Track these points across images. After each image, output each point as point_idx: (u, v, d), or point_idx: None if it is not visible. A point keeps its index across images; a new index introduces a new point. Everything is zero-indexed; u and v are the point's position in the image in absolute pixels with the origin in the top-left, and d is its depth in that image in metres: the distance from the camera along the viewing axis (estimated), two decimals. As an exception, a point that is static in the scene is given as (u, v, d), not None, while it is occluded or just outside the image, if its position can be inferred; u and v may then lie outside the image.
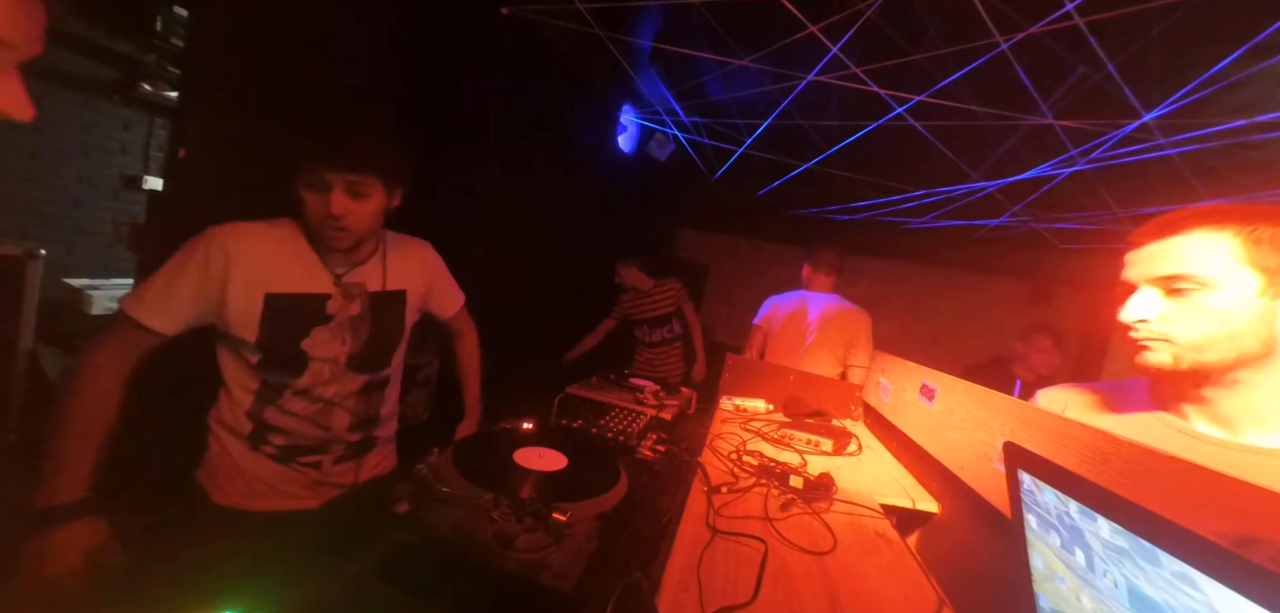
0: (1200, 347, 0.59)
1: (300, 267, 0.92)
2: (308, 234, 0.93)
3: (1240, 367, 0.58)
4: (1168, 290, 0.61)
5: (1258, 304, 0.56)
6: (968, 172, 2.55)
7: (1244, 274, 0.56)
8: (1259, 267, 0.55)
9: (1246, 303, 0.56)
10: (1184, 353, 0.60)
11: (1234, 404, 0.60)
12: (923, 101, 1.93)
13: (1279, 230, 0.55)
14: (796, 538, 0.77)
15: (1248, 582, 0.27)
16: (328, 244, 0.91)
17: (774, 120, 2.49)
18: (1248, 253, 0.56)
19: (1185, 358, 0.60)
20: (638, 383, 1.48)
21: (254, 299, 0.87)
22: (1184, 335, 0.60)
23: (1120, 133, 1.87)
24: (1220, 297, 0.57)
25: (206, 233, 0.87)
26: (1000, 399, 0.90)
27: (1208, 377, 0.60)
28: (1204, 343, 0.58)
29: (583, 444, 0.95)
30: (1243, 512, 0.44)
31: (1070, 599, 0.41)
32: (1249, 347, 0.57)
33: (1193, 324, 0.59)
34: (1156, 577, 0.33)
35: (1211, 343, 0.58)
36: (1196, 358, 0.59)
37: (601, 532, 0.65)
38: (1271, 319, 0.56)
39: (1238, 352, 0.57)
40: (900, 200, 3.14)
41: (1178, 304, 0.60)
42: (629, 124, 3.28)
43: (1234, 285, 0.56)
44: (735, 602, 0.58)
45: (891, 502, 0.99)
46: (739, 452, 1.08)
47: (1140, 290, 0.64)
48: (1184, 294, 0.59)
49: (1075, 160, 2.13)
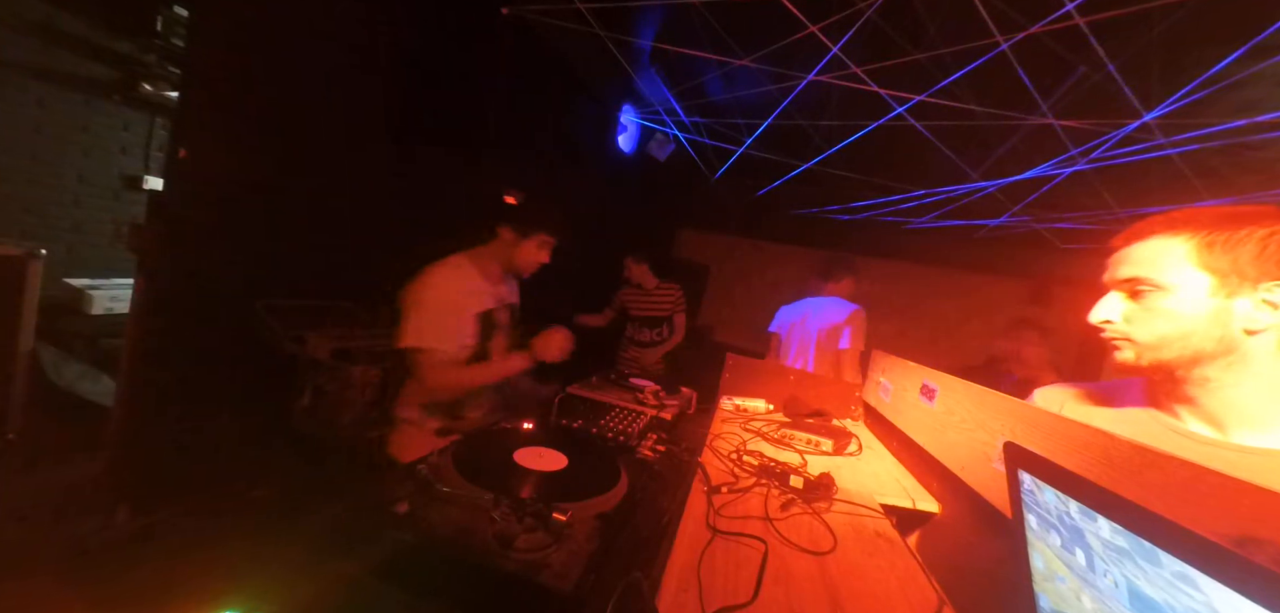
0: (1157, 346, 0.62)
1: (482, 288, 1.28)
2: (478, 265, 1.29)
3: (1202, 364, 0.60)
4: (1129, 293, 0.65)
5: (1209, 304, 0.58)
6: (968, 171, 2.55)
7: (1196, 277, 0.59)
8: (1210, 269, 0.58)
9: (1198, 304, 0.59)
10: (1144, 352, 0.64)
11: (1216, 404, 0.61)
12: (923, 101, 1.93)
13: (1231, 235, 0.57)
14: (797, 538, 0.77)
15: (1249, 582, 0.27)
16: (516, 276, 1.36)
17: (774, 120, 2.49)
18: (1200, 257, 0.59)
19: (1145, 356, 0.64)
20: (638, 383, 1.48)
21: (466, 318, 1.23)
22: (1142, 336, 0.63)
23: (1121, 132, 1.87)
24: (1174, 299, 0.60)
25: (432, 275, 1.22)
26: (1000, 399, 0.90)
27: (1174, 376, 0.63)
28: (1160, 342, 0.62)
29: (583, 444, 0.95)
30: (1242, 512, 0.44)
31: (1071, 599, 0.41)
32: (1203, 345, 0.59)
33: (1150, 325, 0.63)
34: (1157, 577, 0.33)
35: (1167, 342, 0.61)
36: (1155, 356, 0.63)
37: (602, 532, 0.65)
38: (1226, 319, 0.58)
39: (1192, 350, 0.60)
40: (901, 200, 3.15)
41: (1137, 306, 0.64)
42: (629, 124, 3.28)
43: (1186, 287, 0.59)
44: (735, 602, 0.58)
45: (892, 502, 0.99)
46: (739, 452, 1.08)
47: (1108, 293, 0.68)
48: (1141, 296, 0.63)
49: (1076, 160, 2.13)
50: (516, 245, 1.28)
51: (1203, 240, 0.59)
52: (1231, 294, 0.57)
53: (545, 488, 0.73)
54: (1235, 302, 0.57)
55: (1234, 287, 0.57)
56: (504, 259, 1.31)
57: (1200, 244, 0.59)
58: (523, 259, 1.30)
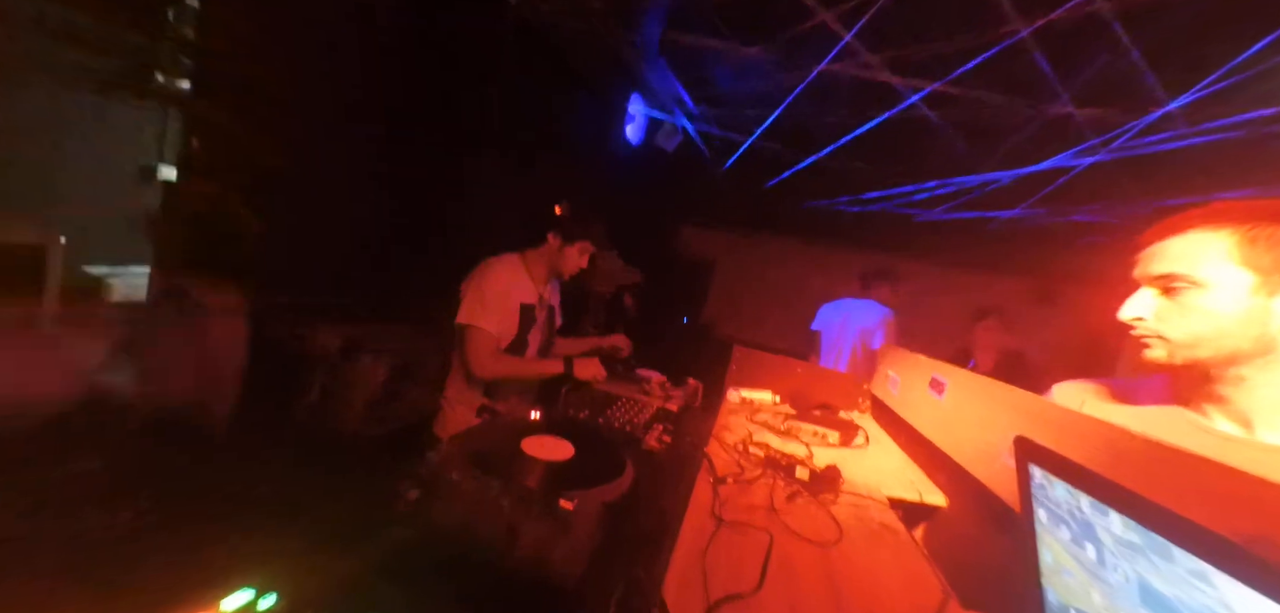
0: (1192, 344, 0.59)
1: (527, 285, 1.41)
2: (525, 264, 1.42)
3: (1238, 364, 0.58)
4: (1163, 289, 0.62)
5: (1250, 303, 0.56)
6: (982, 163, 2.50)
7: (1237, 273, 0.56)
8: (1253, 266, 0.55)
9: (1237, 302, 0.56)
10: (1176, 350, 0.61)
11: (1248, 402, 0.59)
12: (937, 91, 1.89)
13: (1276, 230, 0.54)
14: (802, 529, 0.77)
15: (1266, 580, 0.27)
16: (558, 277, 1.47)
17: (784, 110, 2.46)
18: (1242, 253, 0.56)
19: (1178, 354, 0.61)
20: (644, 374, 1.48)
21: (513, 308, 1.36)
22: (1175, 333, 0.61)
23: (1142, 122, 1.82)
24: (1211, 296, 0.57)
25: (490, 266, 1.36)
26: (1011, 393, 0.89)
27: (1208, 374, 0.61)
28: (1195, 341, 0.59)
29: (590, 434, 0.96)
30: (1257, 509, 0.44)
31: (1079, 594, 0.41)
32: (1240, 345, 0.57)
33: (1184, 323, 0.60)
34: (1170, 573, 0.32)
35: (1202, 341, 0.59)
36: (1189, 354, 0.60)
37: (607, 521, 0.66)
38: (1265, 318, 0.55)
39: (1230, 349, 0.57)
40: (913, 191, 3.09)
41: (1171, 302, 0.61)
42: (636, 115, 3.24)
43: (1226, 285, 0.56)
44: (739, 591, 0.59)
45: (898, 495, 0.98)
46: (745, 443, 1.08)
47: (1140, 289, 0.65)
48: (1176, 293, 0.60)
49: (1096, 150, 2.08)
50: (561, 251, 1.41)
51: (1245, 235, 0.55)
52: (1273, 293, 0.55)
53: (552, 477, 0.74)
54: (1275, 300, 0.55)
55: (1276, 285, 0.54)
56: (549, 262, 1.44)
57: (1243, 239, 0.55)
58: (566, 264, 1.42)
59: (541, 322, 1.48)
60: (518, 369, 1.38)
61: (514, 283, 1.38)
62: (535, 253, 1.43)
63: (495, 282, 1.33)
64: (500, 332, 1.33)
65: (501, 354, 1.34)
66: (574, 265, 1.42)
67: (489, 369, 1.31)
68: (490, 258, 1.38)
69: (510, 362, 1.36)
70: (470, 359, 1.29)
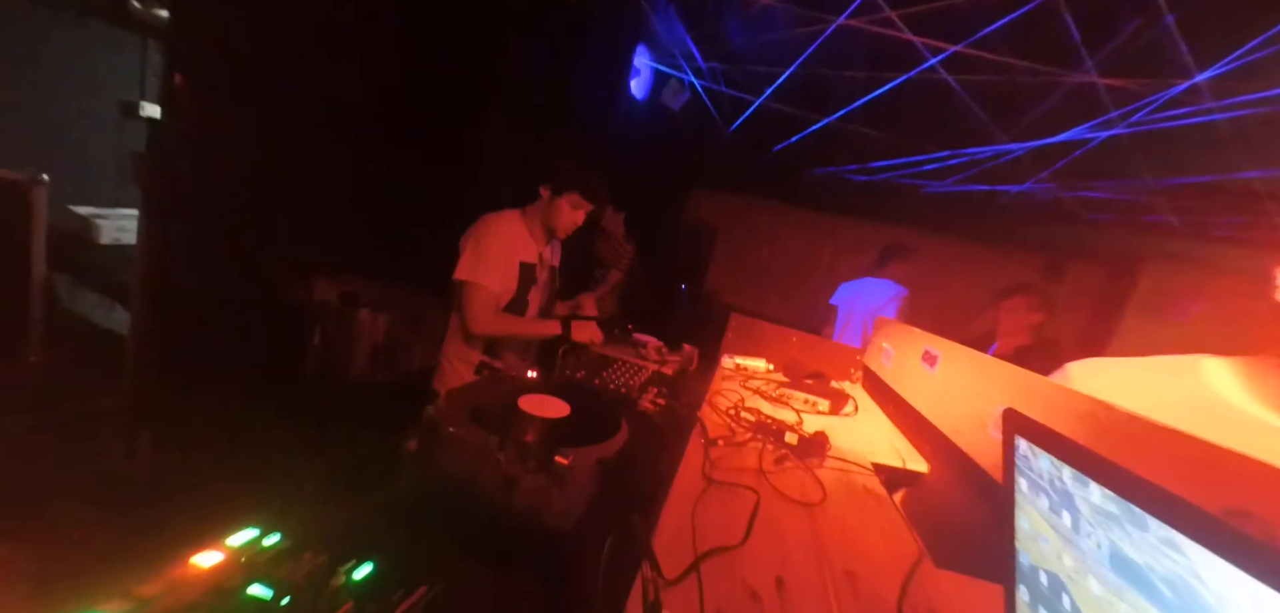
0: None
1: (527, 242, 1.36)
2: (525, 220, 1.37)
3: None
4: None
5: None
6: (997, 133, 2.42)
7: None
8: None
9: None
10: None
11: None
12: (958, 53, 1.79)
13: None
14: (788, 490, 0.80)
15: (1236, 550, 0.27)
16: (553, 235, 1.41)
17: (798, 68, 2.34)
18: None
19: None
20: (641, 339, 1.49)
21: (513, 265, 1.32)
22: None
23: (1167, 94, 1.74)
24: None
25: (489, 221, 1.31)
26: (1003, 368, 0.90)
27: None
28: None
29: (586, 395, 0.97)
30: (1234, 485, 0.45)
31: (1051, 558, 0.43)
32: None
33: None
34: (1142, 541, 0.33)
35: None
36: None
37: (601, 477, 0.68)
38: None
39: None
40: (922, 160, 3.00)
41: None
42: (642, 69, 3.08)
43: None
44: (726, 544, 0.61)
45: (882, 461, 1.02)
46: (737, 408, 1.10)
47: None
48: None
49: (1115, 123, 2.00)
50: (551, 204, 1.34)
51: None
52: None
53: (548, 434, 0.75)
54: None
55: None
56: (543, 218, 1.37)
57: None
58: (557, 218, 1.35)
59: (543, 282, 1.45)
60: (516, 328, 1.36)
61: (514, 239, 1.34)
62: (533, 208, 1.38)
63: (494, 237, 1.29)
64: (500, 290, 1.30)
65: (500, 313, 1.32)
66: (567, 221, 1.35)
67: (487, 326, 1.29)
68: (489, 213, 1.33)
69: (508, 321, 1.34)
70: (468, 316, 1.27)
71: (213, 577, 0.43)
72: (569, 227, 1.37)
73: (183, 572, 0.43)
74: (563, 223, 1.36)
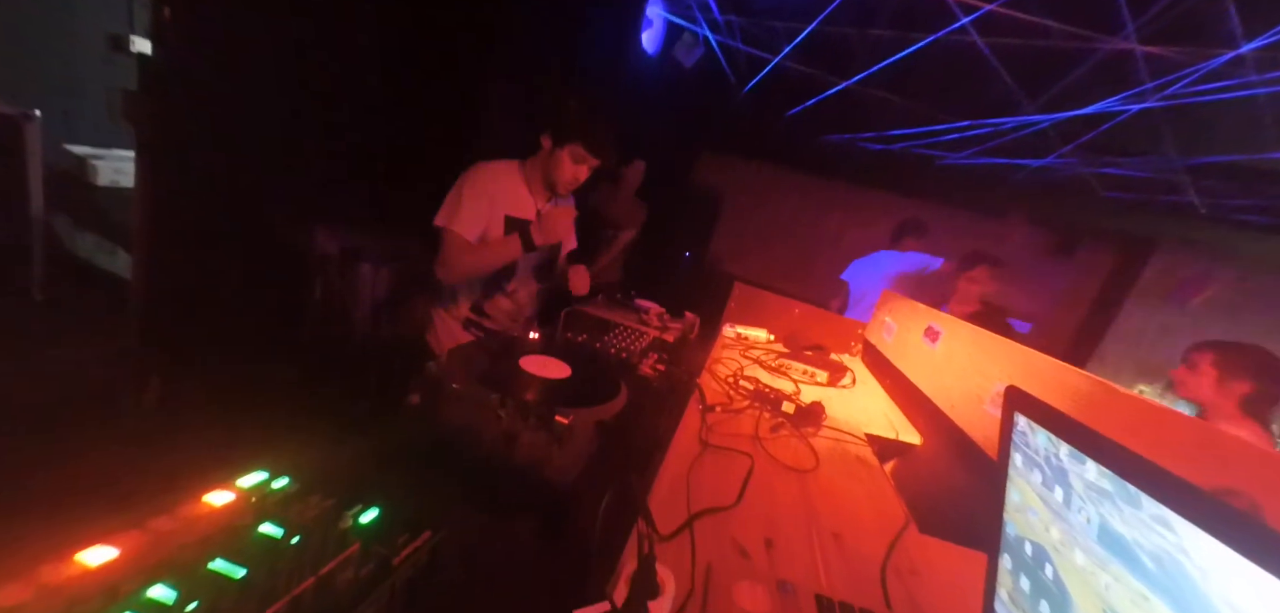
0: None
1: (524, 197, 1.28)
2: (524, 173, 1.29)
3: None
4: None
5: None
6: (1024, 101, 2.30)
7: None
8: None
9: None
10: None
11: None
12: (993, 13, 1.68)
13: None
14: (782, 457, 0.81)
15: (1224, 527, 0.28)
16: (553, 191, 1.29)
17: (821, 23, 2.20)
18: None
19: None
20: (643, 304, 1.49)
21: (498, 217, 1.23)
22: None
23: (1208, 65, 1.64)
24: None
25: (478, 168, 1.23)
26: (1004, 345, 0.90)
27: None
28: None
29: (586, 357, 0.98)
30: (1225, 466, 0.45)
31: (1039, 530, 0.44)
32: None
33: None
34: (1133, 517, 0.34)
35: None
36: None
37: (600, 438, 0.69)
38: None
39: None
40: (941, 130, 2.88)
41: None
42: (655, 19, 2.91)
43: None
44: (719, 505, 0.63)
45: (876, 432, 1.03)
46: (736, 376, 1.11)
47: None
48: None
49: (1148, 95, 1.90)
50: (552, 155, 1.22)
51: None
52: None
53: (549, 394, 0.76)
54: None
55: None
56: (544, 171, 1.26)
57: None
58: (558, 171, 1.23)
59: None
60: (478, 259, 1.22)
61: (503, 190, 1.23)
62: (534, 160, 1.28)
63: (476, 183, 1.20)
64: (475, 240, 1.20)
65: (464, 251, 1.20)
66: (568, 175, 1.23)
67: (453, 272, 1.20)
68: (482, 161, 1.24)
69: (471, 254, 1.20)
70: (438, 260, 1.19)
71: (225, 515, 0.45)
72: (571, 182, 1.26)
73: (195, 508, 0.44)
74: (563, 177, 1.24)
